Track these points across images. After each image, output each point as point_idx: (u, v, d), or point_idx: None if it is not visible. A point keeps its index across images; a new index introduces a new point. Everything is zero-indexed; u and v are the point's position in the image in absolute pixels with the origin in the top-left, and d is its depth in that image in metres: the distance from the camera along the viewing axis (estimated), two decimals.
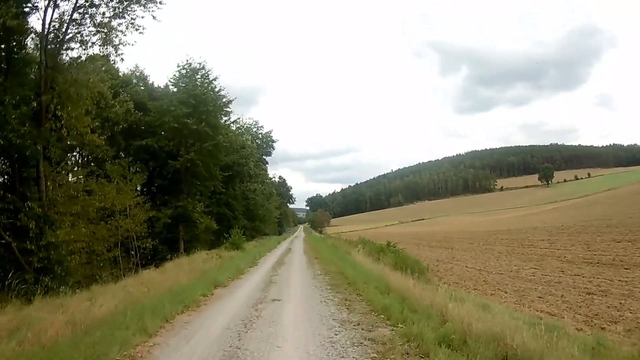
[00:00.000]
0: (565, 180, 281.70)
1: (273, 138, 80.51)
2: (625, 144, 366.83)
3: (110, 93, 32.95)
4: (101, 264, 27.22)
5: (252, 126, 74.94)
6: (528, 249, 39.70)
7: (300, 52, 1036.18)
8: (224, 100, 42.56)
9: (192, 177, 40.40)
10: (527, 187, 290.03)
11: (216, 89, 41.21)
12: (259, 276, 21.63)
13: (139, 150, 38.51)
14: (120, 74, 39.32)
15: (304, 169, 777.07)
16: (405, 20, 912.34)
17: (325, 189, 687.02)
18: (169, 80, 40.52)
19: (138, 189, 37.57)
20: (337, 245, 44.37)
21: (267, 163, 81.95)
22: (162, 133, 39.36)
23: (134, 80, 41.20)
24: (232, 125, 47.71)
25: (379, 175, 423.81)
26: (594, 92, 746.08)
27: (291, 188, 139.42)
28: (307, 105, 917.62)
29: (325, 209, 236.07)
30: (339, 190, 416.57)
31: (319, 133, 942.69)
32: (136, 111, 36.45)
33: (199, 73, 40.16)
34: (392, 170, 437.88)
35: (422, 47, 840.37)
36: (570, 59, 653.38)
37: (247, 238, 60.27)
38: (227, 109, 43.78)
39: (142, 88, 41.09)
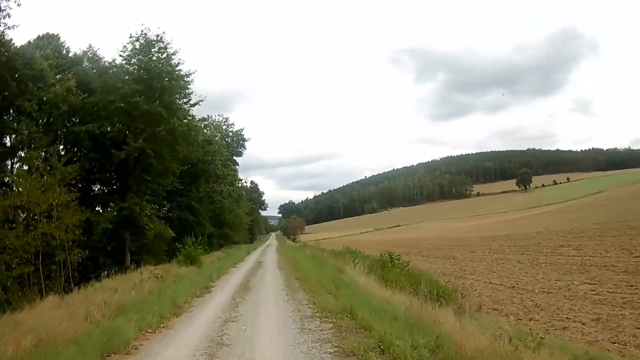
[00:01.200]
0: (543, 185, 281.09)
1: (244, 137, 74.52)
2: (604, 148, 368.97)
3: (54, 72, 29.61)
4: (8, 283, 21.13)
5: (222, 123, 69.14)
6: (554, 257, 33.56)
7: (274, 60, 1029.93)
8: (184, 77, 34.69)
9: (142, 172, 33.31)
10: (504, 192, 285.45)
11: (174, 64, 33.58)
12: (201, 325, 12.00)
13: (81, 137, 31.73)
14: (70, 54, 33.80)
15: (277, 175, 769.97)
16: (380, 26, 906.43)
17: (298, 196, 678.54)
18: (119, 54, 32.81)
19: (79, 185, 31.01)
20: (319, 257, 35.28)
21: (237, 164, 75.78)
22: (109, 117, 32.36)
23: (86, 63, 34.60)
24: (191, 109, 39.62)
25: (353, 182, 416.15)
26: (571, 97, 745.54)
27: (263, 193, 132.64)
28: (281, 112, 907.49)
29: (298, 216, 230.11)
30: (311, 197, 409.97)
31: (293, 140, 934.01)
32: (79, 91, 30.28)
33: (156, 46, 32.78)
34: (365, 176, 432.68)
35: (398, 53, 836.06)
36: (547, 65, 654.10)
37: (213, 247, 54.31)
38: (187, 90, 35.58)
39: (94, 69, 34.20)
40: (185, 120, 35.92)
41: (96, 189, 36.47)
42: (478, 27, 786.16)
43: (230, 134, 71.14)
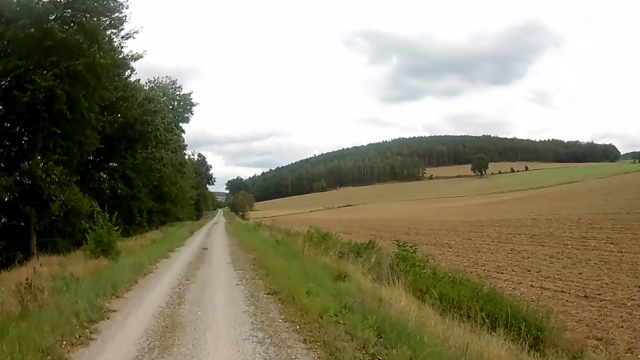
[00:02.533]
0: (500, 172, 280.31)
1: (192, 101, 64.95)
2: (565, 140, 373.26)
3: None
4: None
5: (169, 86, 59.71)
6: (591, 252, 26.39)
7: (227, 37, 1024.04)
8: None
9: (52, 123, 24.84)
10: (459, 176, 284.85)
11: None
12: None
13: None
14: None
15: (225, 152, 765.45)
16: (335, 7, 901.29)
17: (247, 173, 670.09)
18: None
19: None
20: (288, 244, 26.23)
21: (183, 131, 66.09)
22: (18, 50, 24.00)
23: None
24: (124, 42, 30.54)
25: (301, 160, 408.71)
26: (530, 87, 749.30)
27: (211, 167, 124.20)
28: (231, 88, 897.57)
29: (246, 192, 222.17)
30: (259, 174, 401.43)
31: (243, 116, 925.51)
32: None
33: None
34: (314, 155, 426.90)
35: (353, 35, 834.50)
36: (507, 54, 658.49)
37: (154, 224, 48.07)
38: (120, 14, 26.94)
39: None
40: (110, 54, 26.59)
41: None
42: (436, 13, 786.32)
43: (177, 97, 62.24)
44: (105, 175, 38.33)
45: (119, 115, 35.68)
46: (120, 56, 29.70)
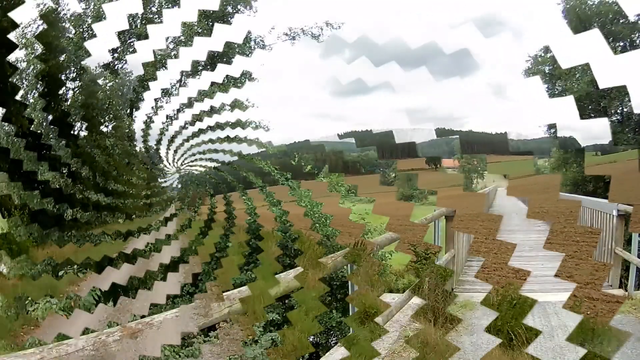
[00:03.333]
0: None
1: None
2: (524, 134, 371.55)
3: None
4: None
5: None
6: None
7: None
8: None
9: None
10: (412, 170, 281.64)
11: None
12: None
13: None
14: None
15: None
16: None
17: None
18: None
19: None
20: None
21: None
22: None
23: None
24: None
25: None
26: (486, 80, 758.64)
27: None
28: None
29: None
30: None
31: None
32: None
33: None
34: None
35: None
36: (463, 46, 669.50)
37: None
38: None
39: None
40: None
41: None
42: (391, 4, 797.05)
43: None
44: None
45: None
46: None
